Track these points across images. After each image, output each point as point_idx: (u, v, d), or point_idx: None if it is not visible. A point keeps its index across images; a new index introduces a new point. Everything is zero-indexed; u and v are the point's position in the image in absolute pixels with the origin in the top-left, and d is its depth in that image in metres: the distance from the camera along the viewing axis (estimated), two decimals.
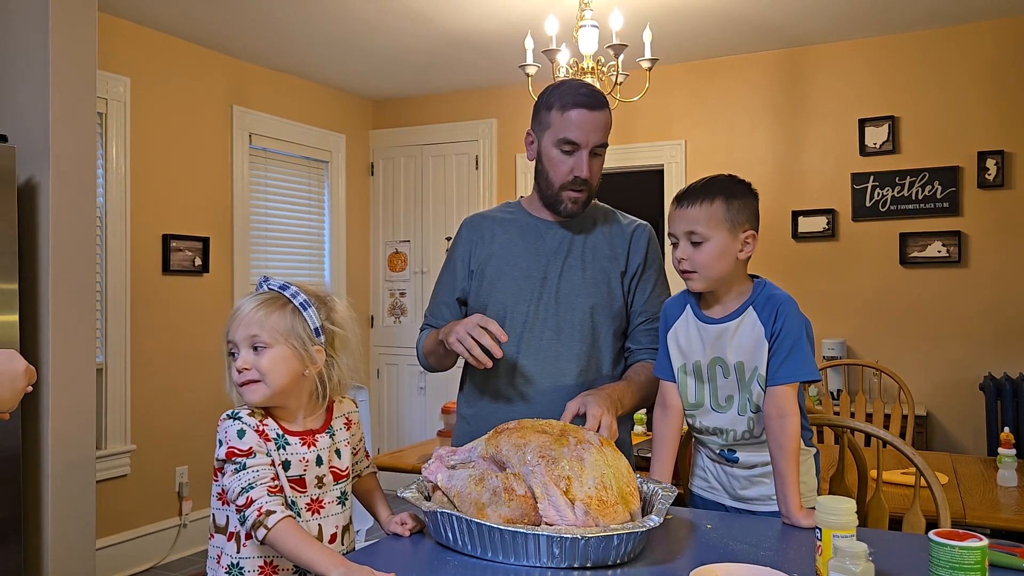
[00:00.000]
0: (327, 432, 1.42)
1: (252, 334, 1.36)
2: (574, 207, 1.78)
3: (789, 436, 1.53)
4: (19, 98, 2.71)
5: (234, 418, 1.34)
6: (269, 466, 1.31)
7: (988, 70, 3.94)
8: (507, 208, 1.93)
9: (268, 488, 1.27)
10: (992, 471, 2.55)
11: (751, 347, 1.58)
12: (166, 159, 4.08)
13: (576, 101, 1.72)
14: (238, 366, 1.36)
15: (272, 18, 3.85)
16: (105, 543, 3.71)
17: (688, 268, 1.59)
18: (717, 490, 1.72)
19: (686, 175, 4.58)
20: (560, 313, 1.78)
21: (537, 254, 1.82)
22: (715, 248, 1.57)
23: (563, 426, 1.40)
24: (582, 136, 1.72)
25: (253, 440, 1.31)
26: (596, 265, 1.81)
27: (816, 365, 1.57)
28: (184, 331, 4.15)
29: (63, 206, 2.68)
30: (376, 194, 5.48)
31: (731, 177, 1.63)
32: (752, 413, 1.61)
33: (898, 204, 4.07)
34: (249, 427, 1.32)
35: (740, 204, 1.58)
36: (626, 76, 3.36)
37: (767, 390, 1.56)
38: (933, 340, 4.02)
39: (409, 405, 5.31)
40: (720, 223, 1.56)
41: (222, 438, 1.32)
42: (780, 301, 1.57)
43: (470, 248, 1.88)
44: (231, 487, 1.28)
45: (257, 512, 1.24)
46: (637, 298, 1.84)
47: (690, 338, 1.66)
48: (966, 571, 1.04)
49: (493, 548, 1.26)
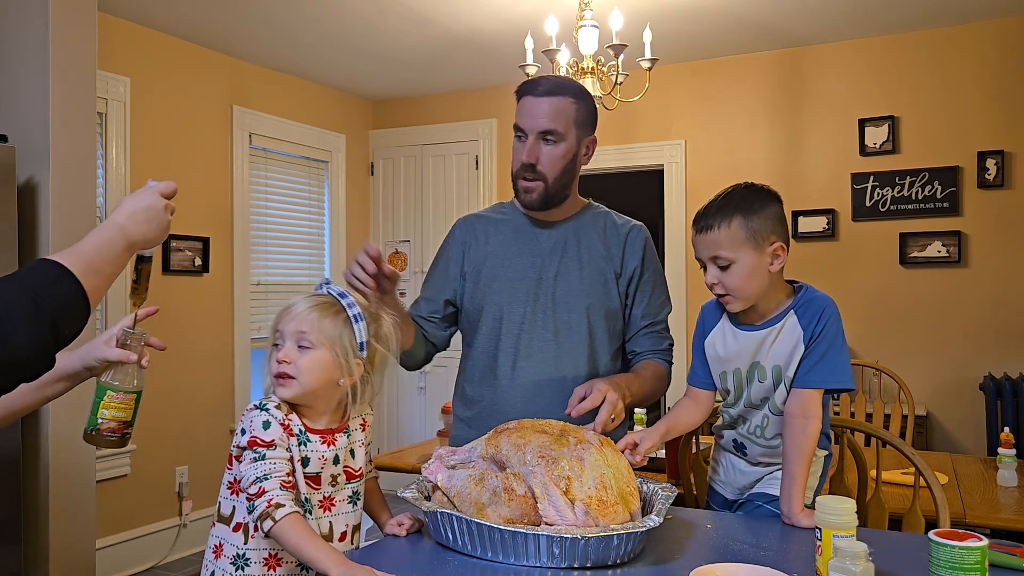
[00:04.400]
0: (344, 432, 1.43)
1: (301, 330, 1.38)
2: (527, 197, 1.77)
3: (809, 438, 1.51)
4: (19, 98, 2.71)
5: (262, 408, 1.35)
6: (287, 461, 1.32)
7: (988, 70, 3.94)
8: (500, 208, 1.91)
9: (282, 482, 1.29)
10: (992, 471, 2.55)
11: (790, 352, 1.54)
12: (166, 159, 4.08)
13: (525, 89, 1.75)
14: (279, 357, 1.38)
15: (272, 18, 3.85)
16: (105, 543, 3.71)
17: (721, 292, 1.55)
18: (725, 484, 1.71)
19: (686, 175, 4.58)
20: (557, 314, 1.77)
21: (532, 255, 1.81)
22: (743, 269, 1.51)
23: (563, 426, 1.40)
24: (527, 122, 1.73)
25: (277, 433, 1.33)
26: (592, 265, 1.80)
27: (851, 374, 1.53)
28: (184, 331, 4.15)
29: (63, 206, 2.68)
30: (376, 194, 5.48)
31: (747, 188, 1.56)
32: (771, 412, 1.60)
33: (898, 204, 4.07)
34: (275, 420, 1.34)
35: (761, 218, 1.51)
36: (626, 76, 3.36)
37: (793, 390, 1.54)
38: (933, 340, 4.02)
39: (409, 405, 5.31)
40: (743, 243, 1.50)
41: (246, 427, 1.34)
42: (823, 304, 1.53)
43: (463, 249, 1.86)
44: (247, 474, 1.29)
45: (267, 503, 1.26)
46: (637, 304, 1.83)
47: (727, 346, 1.62)
48: (966, 571, 1.04)
49: (493, 548, 1.26)
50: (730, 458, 1.70)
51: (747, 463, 1.66)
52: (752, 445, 1.65)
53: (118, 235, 1.20)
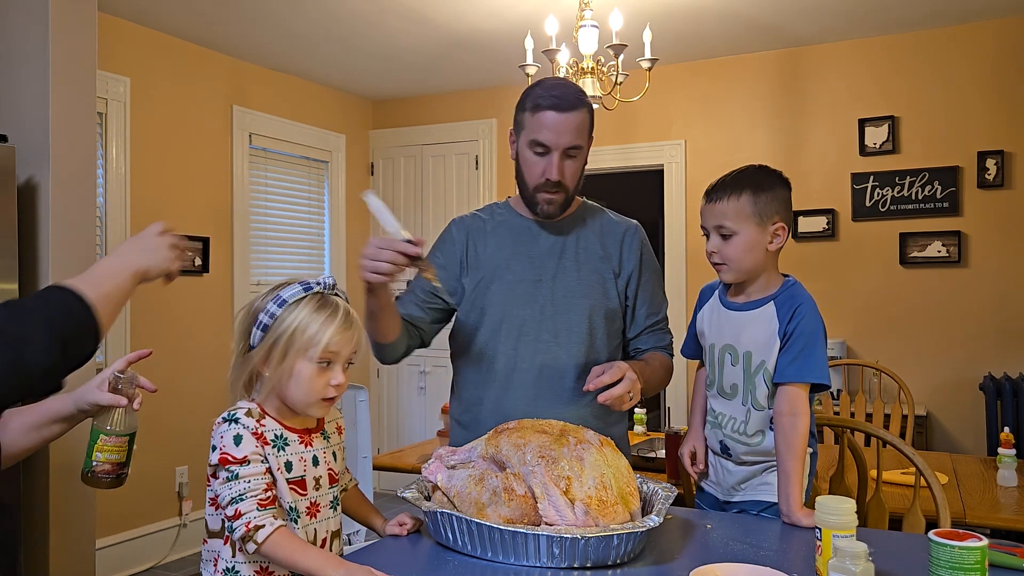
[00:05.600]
0: (322, 434, 1.42)
1: (354, 352, 1.37)
2: (549, 208, 1.76)
3: (799, 436, 1.54)
4: (19, 98, 2.71)
5: (231, 421, 1.31)
6: (263, 475, 1.28)
7: (988, 70, 3.94)
8: (496, 209, 1.90)
9: (259, 501, 1.24)
10: (992, 471, 2.55)
11: (763, 340, 1.60)
12: (166, 159, 4.08)
13: (547, 103, 1.69)
14: (339, 381, 1.34)
15: (272, 18, 3.85)
16: (105, 543, 3.71)
17: (718, 260, 1.64)
18: (715, 484, 1.73)
19: (686, 175, 4.58)
20: (557, 315, 1.76)
21: (530, 257, 1.80)
22: (744, 241, 1.60)
23: (563, 426, 1.40)
24: (552, 138, 1.69)
25: (249, 447, 1.28)
26: (589, 266, 1.80)
27: (828, 371, 1.58)
28: (184, 331, 4.15)
29: (63, 206, 2.68)
30: (376, 194, 5.47)
31: (761, 168, 1.66)
32: (753, 408, 1.61)
33: (898, 204, 4.07)
34: (247, 431, 1.29)
35: (768, 197, 1.60)
36: (626, 76, 3.36)
37: (779, 388, 1.58)
38: (933, 340, 4.02)
39: (409, 405, 5.31)
40: (748, 217, 1.59)
41: (216, 443, 1.29)
42: (800, 301, 1.60)
43: (462, 250, 1.84)
44: (222, 495, 1.26)
45: (245, 527, 1.22)
46: (640, 304, 1.84)
47: (711, 321, 1.72)
48: (966, 571, 1.04)
49: (493, 548, 1.26)
50: (718, 458, 1.72)
51: (733, 463, 1.68)
52: (735, 444, 1.67)
53: (122, 263, 1.29)
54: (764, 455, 1.63)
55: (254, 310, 1.37)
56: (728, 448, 1.68)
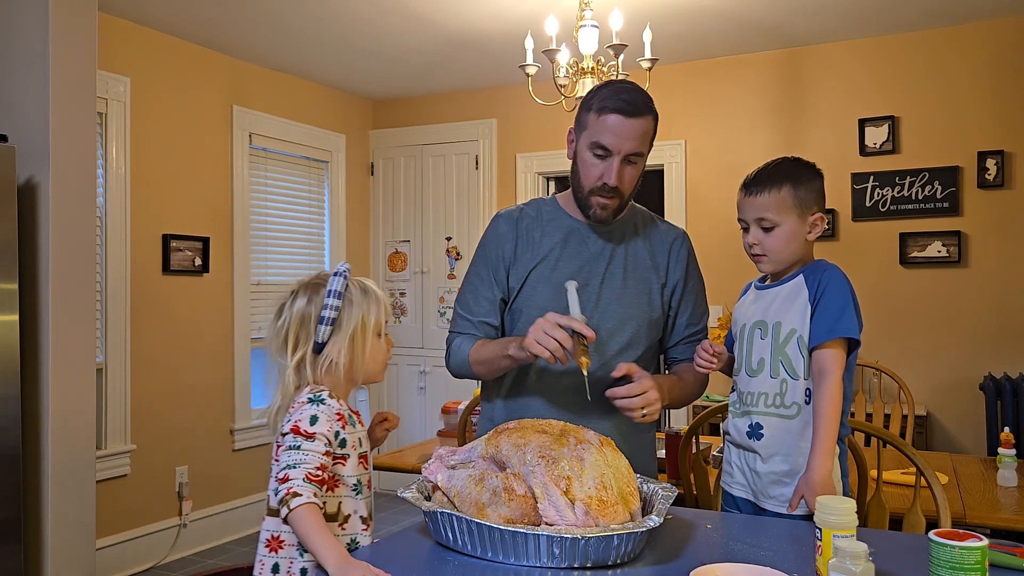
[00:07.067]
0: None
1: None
2: (603, 213, 1.73)
3: (821, 396, 1.54)
4: (19, 98, 2.71)
5: (317, 402, 1.43)
6: (322, 455, 1.38)
7: (987, 70, 3.94)
8: (543, 207, 1.85)
9: (308, 474, 1.34)
10: (992, 471, 2.55)
11: (791, 308, 1.62)
12: (166, 159, 4.08)
13: (614, 106, 1.66)
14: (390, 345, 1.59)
15: (272, 18, 3.85)
16: (105, 543, 3.71)
17: (759, 252, 1.66)
18: (743, 486, 1.69)
19: (686, 175, 4.58)
20: (599, 321, 1.73)
21: (579, 260, 1.77)
22: (785, 233, 1.63)
23: (563, 426, 1.40)
24: (615, 143, 1.66)
25: (323, 428, 1.40)
26: (637, 274, 1.78)
27: (857, 327, 1.58)
28: (184, 331, 4.15)
29: (63, 206, 2.68)
30: (376, 194, 5.48)
31: (796, 160, 1.69)
32: (790, 377, 1.61)
33: (898, 204, 4.07)
34: (327, 414, 1.42)
35: (807, 188, 1.64)
36: (626, 76, 3.35)
37: (812, 354, 1.59)
38: (933, 340, 4.02)
39: (409, 405, 5.31)
40: (790, 208, 1.62)
41: (293, 417, 1.41)
42: (827, 267, 1.63)
43: (513, 245, 1.79)
44: (281, 460, 1.37)
45: (287, 491, 1.31)
46: (681, 314, 1.83)
47: (744, 306, 1.73)
48: (966, 571, 1.04)
49: (493, 548, 1.26)
50: (744, 457, 1.68)
51: (761, 460, 1.63)
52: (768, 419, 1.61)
53: None
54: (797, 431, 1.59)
55: (307, 312, 1.50)
56: (760, 428, 1.62)
